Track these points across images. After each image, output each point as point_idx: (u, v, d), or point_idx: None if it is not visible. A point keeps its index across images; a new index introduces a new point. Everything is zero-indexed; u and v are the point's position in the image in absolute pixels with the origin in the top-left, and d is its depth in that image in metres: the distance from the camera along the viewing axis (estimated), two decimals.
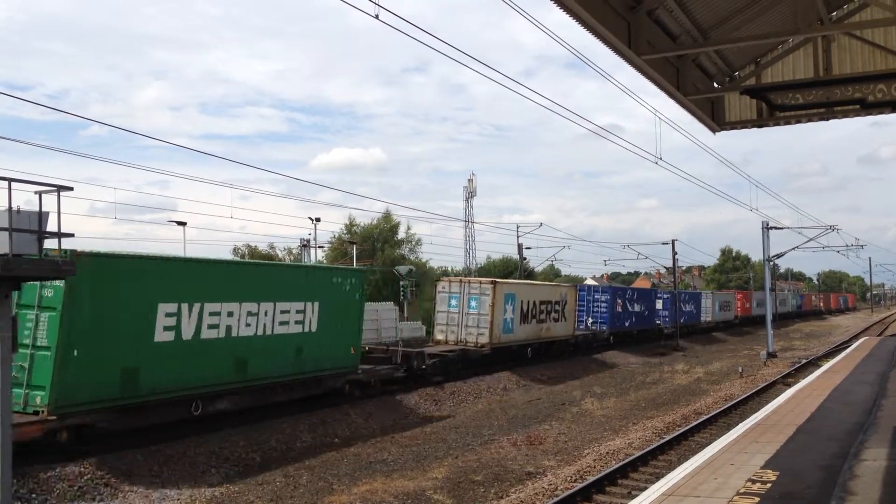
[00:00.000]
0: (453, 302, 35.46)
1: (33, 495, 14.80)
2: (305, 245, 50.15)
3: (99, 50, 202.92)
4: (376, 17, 12.22)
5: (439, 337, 35.74)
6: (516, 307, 37.10)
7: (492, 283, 35.80)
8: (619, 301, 51.97)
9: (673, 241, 62.06)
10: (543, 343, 40.89)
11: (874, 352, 34.43)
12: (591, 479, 15.77)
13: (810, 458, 12.50)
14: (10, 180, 12.08)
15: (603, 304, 50.19)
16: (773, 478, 11.13)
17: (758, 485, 10.76)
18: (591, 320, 50.04)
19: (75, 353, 16.68)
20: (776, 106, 13.07)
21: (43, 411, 16.35)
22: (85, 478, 15.86)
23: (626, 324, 53.23)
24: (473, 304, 35.18)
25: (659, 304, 61.54)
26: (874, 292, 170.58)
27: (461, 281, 36.59)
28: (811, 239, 52.17)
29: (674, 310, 60.71)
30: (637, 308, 55.59)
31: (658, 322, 60.58)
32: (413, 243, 78.88)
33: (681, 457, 17.70)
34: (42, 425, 16.31)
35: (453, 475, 16.78)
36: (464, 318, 35.34)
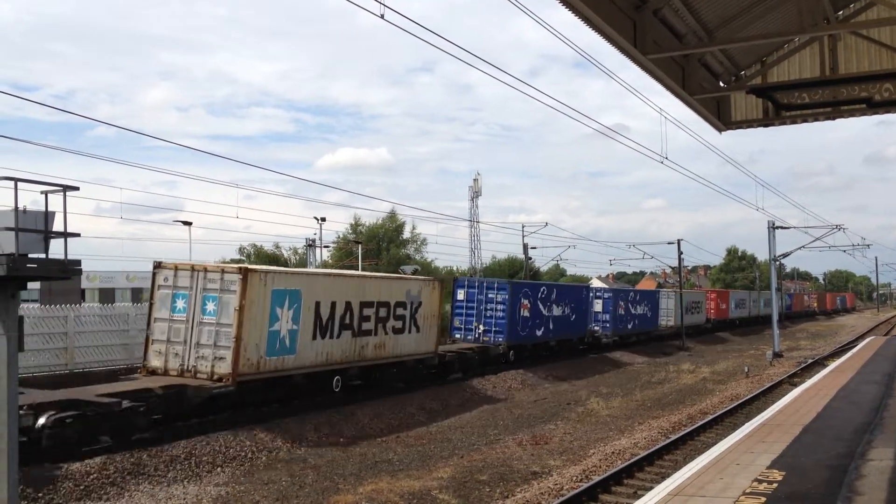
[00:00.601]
0: (180, 303, 21.58)
1: (40, 494, 14.84)
2: (311, 245, 50.29)
3: (106, 51, 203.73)
4: (382, 16, 12.23)
5: (154, 363, 21.59)
6: (302, 312, 22.94)
7: (240, 271, 21.31)
8: (527, 302, 37.96)
9: (678, 241, 62.05)
10: (369, 368, 26.79)
11: (881, 351, 34.33)
12: (596, 478, 15.76)
13: (817, 457, 12.47)
14: (17, 180, 12.12)
15: (499, 307, 35.83)
16: (780, 478, 11.11)
17: (764, 484, 10.73)
18: (482, 329, 35.82)
19: None
20: (782, 105, 13.06)
21: None
22: (91, 476, 15.89)
23: (538, 332, 39.43)
24: (210, 307, 21.20)
25: (597, 306, 48.21)
26: (881, 292, 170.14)
27: (194, 268, 21.86)
28: (817, 238, 52.20)
29: (616, 313, 49.23)
30: (558, 311, 41.23)
31: (596, 329, 47.39)
32: (418, 243, 78.98)
33: (687, 456, 17.68)
34: None
35: (459, 475, 16.78)
36: (195, 332, 21.26)
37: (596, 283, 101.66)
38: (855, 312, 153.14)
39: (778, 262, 52.04)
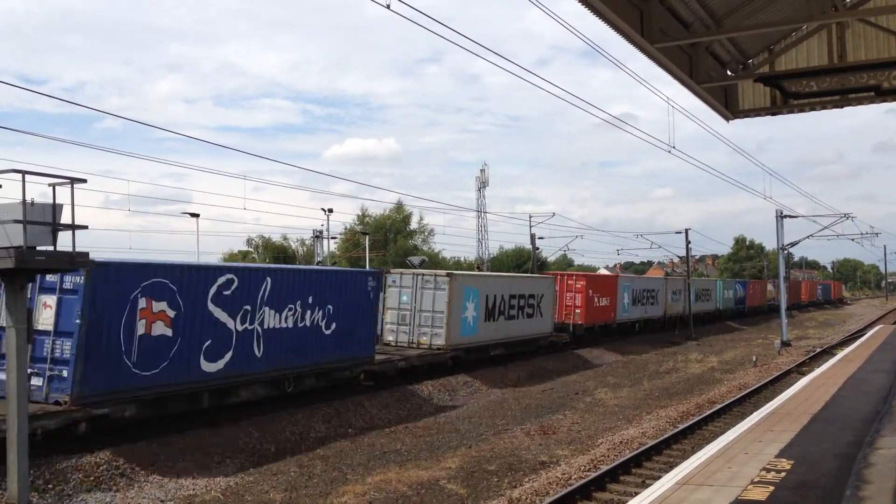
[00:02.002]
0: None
1: (49, 485, 14.92)
2: (318, 236, 50.27)
3: (115, 44, 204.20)
4: (388, 6, 12.20)
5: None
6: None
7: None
8: None
9: (686, 231, 61.78)
10: None
11: (890, 340, 34.24)
12: (604, 468, 15.77)
13: (825, 446, 12.46)
14: (25, 172, 12.15)
15: None
16: (788, 466, 11.10)
17: (772, 473, 10.73)
18: None
19: None
20: (790, 93, 12.99)
21: None
22: (101, 468, 15.97)
23: None
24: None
25: (46, 314, 16.88)
26: (889, 280, 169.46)
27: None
28: (825, 227, 51.88)
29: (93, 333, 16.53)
30: None
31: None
32: (426, 234, 79.16)
33: (695, 446, 17.68)
34: None
35: (467, 465, 16.82)
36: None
37: (603, 273, 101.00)
38: (845, 305, 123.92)
39: (786, 251, 51.87)
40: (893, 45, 13.02)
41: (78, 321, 16.76)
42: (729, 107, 14.79)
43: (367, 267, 48.31)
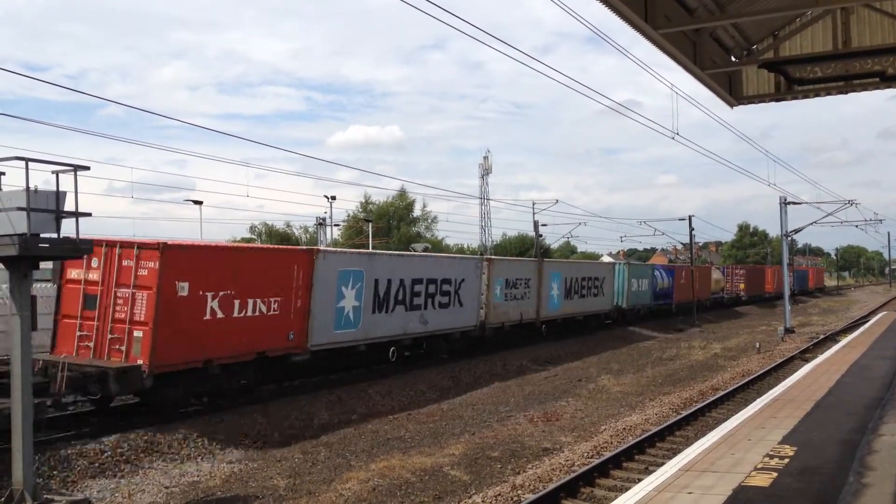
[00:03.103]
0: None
1: (55, 472, 14.98)
2: (321, 223, 50.30)
3: (118, 31, 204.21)
4: None
5: None
6: None
7: None
8: None
9: (690, 217, 61.77)
10: None
11: (893, 327, 34.24)
12: (607, 454, 15.80)
13: (828, 433, 12.47)
14: (28, 160, 12.14)
15: None
16: (791, 453, 11.12)
17: (775, 460, 10.75)
18: None
19: None
20: (794, 79, 12.95)
21: None
22: (105, 454, 16.03)
23: None
24: None
25: None
26: (893, 267, 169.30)
27: None
28: (829, 214, 51.79)
29: None
30: None
31: None
32: (429, 221, 79.05)
33: (698, 432, 17.70)
34: None
35: (470, 451, 16.85)
36: None
37: (606, 260, 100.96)
38: (825, 295, 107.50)
39: (790, 238, 51.77)
40: None
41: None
42: (733, 93, 14.73)
43: None
